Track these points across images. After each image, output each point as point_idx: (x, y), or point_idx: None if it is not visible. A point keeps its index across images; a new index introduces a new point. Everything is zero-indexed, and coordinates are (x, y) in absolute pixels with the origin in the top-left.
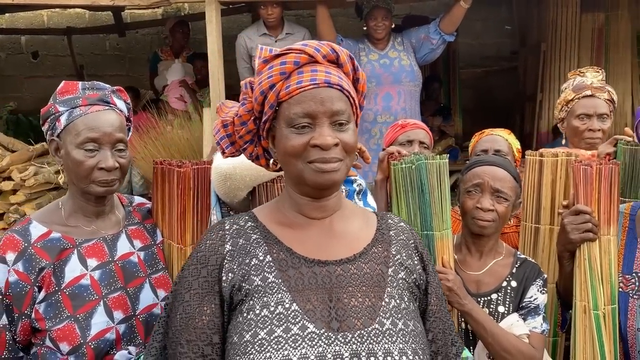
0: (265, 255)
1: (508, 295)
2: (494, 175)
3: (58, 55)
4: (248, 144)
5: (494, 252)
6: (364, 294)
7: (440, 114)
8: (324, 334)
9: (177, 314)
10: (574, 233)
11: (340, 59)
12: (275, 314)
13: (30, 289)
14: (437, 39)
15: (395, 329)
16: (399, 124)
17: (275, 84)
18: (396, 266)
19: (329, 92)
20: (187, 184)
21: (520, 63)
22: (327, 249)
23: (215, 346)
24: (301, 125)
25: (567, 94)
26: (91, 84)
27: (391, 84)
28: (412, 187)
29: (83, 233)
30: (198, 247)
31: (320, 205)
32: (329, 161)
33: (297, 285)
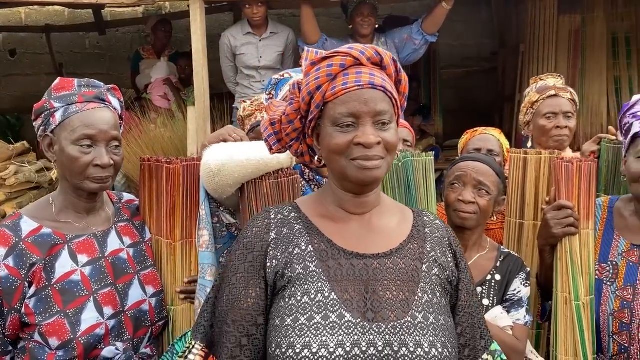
0: (307, 245)
1: (492, 288)
2: (476, 169)
3: (36, 53)
4: (294, 142)
5: (478, 247)
6: (399, 288)
7: (420, 114)
8: (359, 324)
9: (224, 295)
10: (556, 227)
11: (384, 61)
12: (315, 302)
13: (21, 284)
14: (420, 39)
15: (426, 322)
16: None
17: (321, 85)
18: (430, 262)
19: (373, 93)
20: (176, 181)
21: (500, 64)
22: (366, 243)
23: (259, 327)
24: (346, 124)
25: (532, 97)
26: (87, 81)
27: None
28: (399, 183)
29: (74, 229)
30: (244, 234)
31: (361, 201)
32: (372, 159)
33: (336, 275)
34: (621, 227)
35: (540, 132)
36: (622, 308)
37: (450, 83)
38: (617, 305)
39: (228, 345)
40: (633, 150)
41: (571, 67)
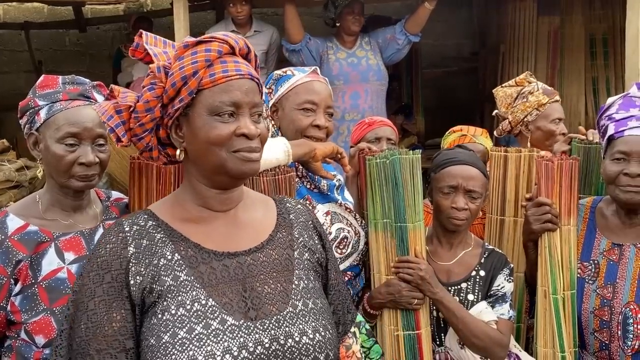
0: (172, 254)
1: (477, 284)
2: (467, 176)
3: (15, 50)
4: (147, 133)
5: (464, 244)
6: (275, 280)
7: (402, 113)
8: (243, 325)
9: (81, 323)
10: (535, 224)
11: (250, 54)
12: (193, 312)
13: (7, 281)
14: (403, 39)
15: (306, 309)
16: (365, 121)
17: (198, 70)
18: (300, 248)
19: (251, 84)
20: (167, 180)
21: (480, 64)
22: (235, 240)
23: (129, 352)
24: (227, 113)
25: (540, 98)
26: (71, 78)
27: (359, 83)
28: (387, 181)
29: (60, 227)
30: (97, 252)
31: (226, 197)
32: (254, 150)
33: (211, 280)
34: (602, 227)
35: (547, 135)
36: (602, 306)
37: (432, 83)
38: (598, 303)
39: None
40: (609, 152)
41: (550, 67)
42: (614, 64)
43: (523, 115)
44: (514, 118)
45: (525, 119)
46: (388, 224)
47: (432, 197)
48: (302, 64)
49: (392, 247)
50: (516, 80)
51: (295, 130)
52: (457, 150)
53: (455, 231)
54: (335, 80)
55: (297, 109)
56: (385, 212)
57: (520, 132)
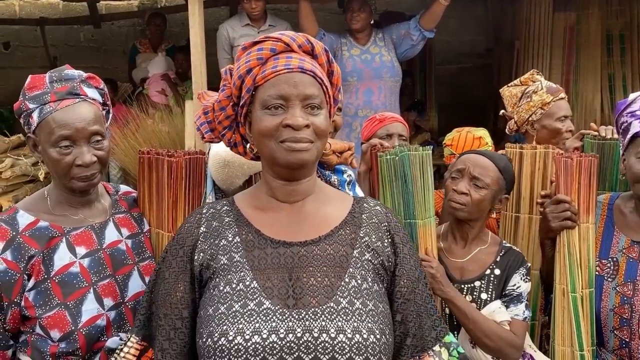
0: (234, 236)
1: (491, 282)
2: (475, 163)
3: (30, 46)
4: (227, 130)
5: (479, 240)
6: (324, 274)
7: (415, 110)
8: (278, 310)
9: (159, 290)
10: (554, 221)
11: (315, 50)
12: (236, 291)
13: (20, 277)
14: (418, 35)
15: (351, 307)
16: (376, 118)
17: (252, 68)
18: (362, 248)
19: (302, 77)
20: (178, 174)
21: (495, 60)
22: (295, 231)
23: (184, 320)
24: (274, 106)
25: (544, 97)
26: (58, 74)
27: (372, 79)
28: (396, 177)
29: (70, 221)
30: (179, 230)
31: (292, 189)
32: (300, 140)
33: (260, 264)
34: (621, 224)
35: (553, 134)
36: (622, 304)
37: (445, 79)
38: (618, 301)
39: (159, 338)
40: (633, 150)
41: (566, 64)
42: (631, 61)
43: (528, 115)
44: (519, 118)
45: (530, 119)
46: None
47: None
48: None
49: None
50: (521, 80)
51: None
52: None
53: (456, 217)
54: (348, 76)
55: None
56: (395, 207)
57: (526, 131)
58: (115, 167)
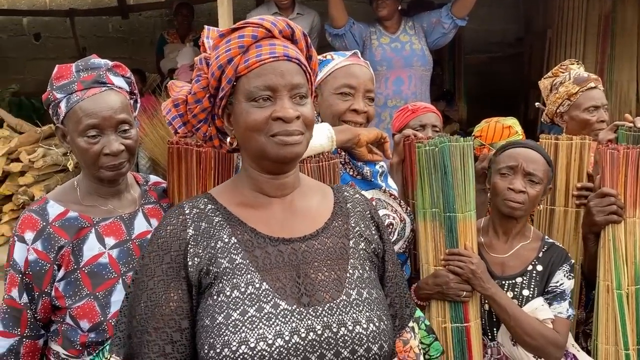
0: (230, 237)
1: (533, 279)
2: (527, 158)
3: (60, 37)
4: (202, 123)
5: (521, 236)
6: (330, 268)
7: (443, 100)
8: (295, 310)
9: (141, 302)
10: (599, 215)
11: (295, 34)
12: (247, 295)
13: (50, 267)
14: (449, 23)
15: (361, 298)
16: (408, 108)
17: (233, 57)
18: (356, 238)
19: (288, 66)
20: (207, 164)
21: (526, 49)
22: (290, 227)
23: (184, 331)
24: (262, 98)
25: (570, 88)
26: (85, 63)
27: (402, 68)
28: (436, 169)
29: (100, 212)
30: (158, 233)
31: (280, 182)
32: (292, 133)
33: (265, 264)
34: None
35: (582, 125)
36: None
37: (475, 69)
38: None
39: (151, 355)
40: None
41: (600, 52)
42: None
43: (555, 107)
44: (549, 110)
45: (558, 110)
46: (437, 214)
47: (490, 182)
48: (345, 49)
49: (440, 238)
50: (552, 71)
51: (333, 115)
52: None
53: (511, 217)
54: (378, 65)
55: (335, 93)
56: (434, 201)
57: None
58: (144, 157)
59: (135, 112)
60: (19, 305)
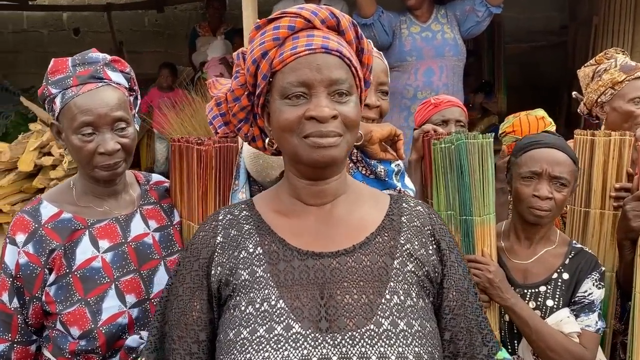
0: (255, 247)
1: (558, 288)
2: (552, 160)
3: (98, 31)
4: (242, 123)
5: (546, 240)
6: (361, 290)
7: (482, 91)
8: (310, 335)
9: (172, 308)
10: (636, 220)
11: (341, 24)
12: (260, 312)
13: (41, 271)
14: (483, 11)
15: (395, 330)
16: (431, 102)
17: (268, 51)
18: (404, 257)
19: (327, 59)
20: (209, 163)
21: (570, 38)
22: (324, 240)
23: (201, 344)
24: (295, 95)
25: (615, 75)
26: (81, 57)
27: (433, 58)
28: (452, 168)
29: (95, 213)
30: (192, 239)
31: (319, 189)
32: (326, 135)
33: (287, 280)
34: None
35: (624, 117)
36: None
37: (516, 58)
38: None
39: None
40: None
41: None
42: None
43: (596, 96)
44: (587, 99)
45: (599, 100)
46: (452, 217)
47: (511, 185)
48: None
49: (456, 243)
50: (596, 59)
51: None
52: (542, 134)
53: (537, 224)
54: (407, 56)
55: None
56: (449, 203)
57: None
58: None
59: (135, 109)
60: (9, 310)
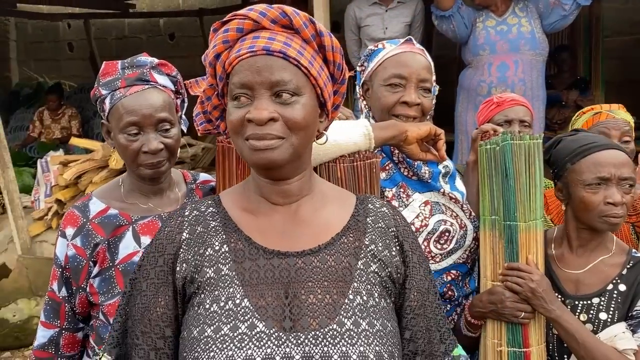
0: (221, 245)
1: (614, 300)
2: (618, 162)
3: (191, 36)
4: (219, 121)
5: (602, 248)
6: (325, 290)
7: (576, 87)
8: (273, 334)
9: (135, 303)
10: None
11: (294, 23)
12: (225, 310)
13: (86, 263)
14: (570, 3)
15: (357, 329)
16: (493, 100)
17: (219, 53)
18: (368, 258)
19: (268, 61)
20: (245, 163)
21: None
22: (290, 239)
23: (167, 340)
24: (239, 97)
25: None
26: (131, 61)
27: (507, 52)
28: (496, 171)
29: (139, 210)
30: (158, 234)
31: (281, 189)
32: (263, 138)
33: (252, 279)
34: None
35: None
36: None
37: (615, 53)
38: None
39: (137, 359)
40: None
41: None
42: None
43: None
44: None
45: None
46: (496, 222)
47: (567, 192)
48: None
49: (499, 250)
50: None
51: (382, 109)
52: (587, 134)
53: (609, 231)
54: (480, 50)
55: (384, 85)
56: (493, 207)
57: None
58: None
59: (182, 111)
60: (59, 299)
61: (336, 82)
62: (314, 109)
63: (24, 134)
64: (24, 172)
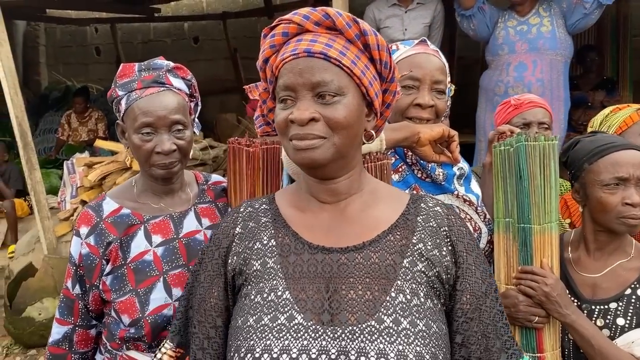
0: (270, 239)
1: (632, 305)
2: (636, 162)
3: (215, 39)
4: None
5: (620, 252)
6: (366, 287)
7: (603, 88)
8: (311, 327)
9: (195, 294)
10: None
11: (337, 23)
12: (267, 301)
13: (99, 261)
14: (591, 2)
15: (397, 327)
16: (511, 102)
17: (268, 58)
18: (415, 257)
19: (309, 62)
20: (256, 164)
21: None
22: (336, 236)
23: (218, 329)
24: (284, 99)
25: None
26: (147, 64)
27: (526, 52)
28: (510, 173)
29: (151, 210)
30: (217, 229)
31: (329, 187)
32: (305, 137)
33: (295, 272)
34: None
35: None
36: None
37: None
38: None
39: (193, 347)
40: None
41: None
42: None
43: None
44: None
45: None
46: (510, 224)
47: (584, 193)
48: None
49: (513, 252)
50: None
51: (395, 111)
52: (606, 135)
53: (627, 234)
54: (499, 49)
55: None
56: (507, 209)
57: None
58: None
59: (195, 114)
60: (72, 296)
61: (385, 80)
62: (358, 108)
63: (52, 137)
64: (51, 173)
